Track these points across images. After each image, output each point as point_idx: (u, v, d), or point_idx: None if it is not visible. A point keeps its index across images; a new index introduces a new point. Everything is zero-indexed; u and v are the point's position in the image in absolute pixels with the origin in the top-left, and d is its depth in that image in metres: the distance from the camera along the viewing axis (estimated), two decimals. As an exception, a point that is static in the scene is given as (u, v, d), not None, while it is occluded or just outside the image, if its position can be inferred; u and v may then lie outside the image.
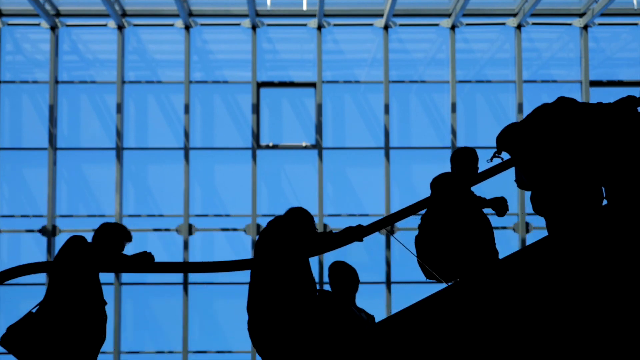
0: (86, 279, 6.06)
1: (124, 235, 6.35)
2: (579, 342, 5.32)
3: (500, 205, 6.81)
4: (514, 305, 5.36)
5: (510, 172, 6.76)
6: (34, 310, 6.24)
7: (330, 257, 13.06)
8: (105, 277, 13.01)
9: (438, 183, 6.79)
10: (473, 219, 6.68)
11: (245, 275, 6.69)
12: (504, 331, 5.34)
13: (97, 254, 6.06)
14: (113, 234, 6.32)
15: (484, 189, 6.97)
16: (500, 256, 6.74)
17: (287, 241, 6.23)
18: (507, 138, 6.25)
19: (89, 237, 6.39)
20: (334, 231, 6.75)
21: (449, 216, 6.61)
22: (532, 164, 6.12)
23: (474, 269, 6.45)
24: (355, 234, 6.24)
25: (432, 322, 5.38)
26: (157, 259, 6.42)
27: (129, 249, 6.89)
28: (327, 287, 13.55)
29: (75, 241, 6.11)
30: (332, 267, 6.61)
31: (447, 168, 7.15)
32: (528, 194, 7.33)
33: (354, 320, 6.36)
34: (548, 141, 6.00)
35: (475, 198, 6.78)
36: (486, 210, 6.90)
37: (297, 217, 6.44)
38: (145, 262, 6.13)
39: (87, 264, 5.99)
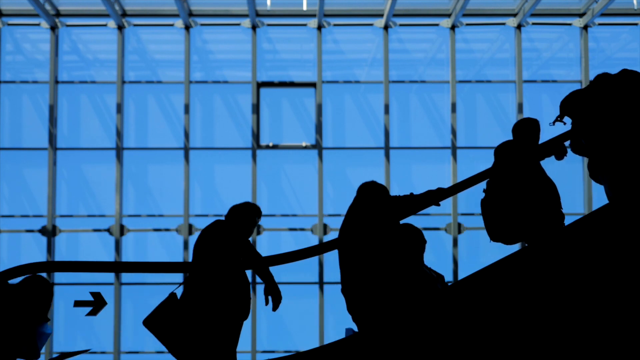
0: (231, 262, 6.13)
1: (255, 212, 6.58)
2: None
3: (559, 150, 6.91)
4: (581, 269, 5.39)
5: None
6: (176, 292, 6.29)
7: (330, 258, 13.08)
8: (105, 277, 13.02)
9: (502, 151, 6.89)
10: (538, 183, 6.76)
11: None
12: (571, 295, 5.38)
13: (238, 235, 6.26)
14: (245, 213, 6.59)
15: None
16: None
17: (371, 209, 6.30)
18: (571, 103, 6.49)
19: (89, 236, 6.39)
20: (333, 232, 6.79)
21: (515, 181, 6.72)
22: (593, 130, 6.26)
23: (541, 232, 6.58)
24: (435, 196, 6.41)
25: (503, 284, 5.42)
26: (157, 259, 6.45)
27: (129, 248, 6.90)
28: (327, 287, 13.57)
29: (220, 224, 6.40)
30: (401, 229, 6.56)
31: (447, 168, 7.16)
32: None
33: (428, 279, 6.39)
34: (612, 107, 6.16)
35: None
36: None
37: (371, 191, 6.46)
38: None
39: (232, 248, 6.15)
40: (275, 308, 6.28)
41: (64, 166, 13.63)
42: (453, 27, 13.70)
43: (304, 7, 13.59)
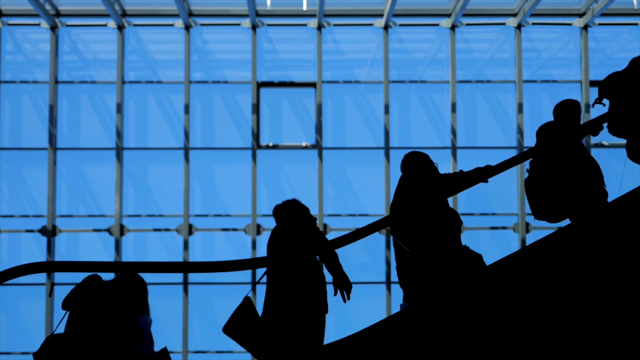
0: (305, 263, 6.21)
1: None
2: None
3: (594, 127, 7.00)
4: (626, 245, 5.45)
5: (512, 176, 6.81)
6: (249, 295, 6.33)
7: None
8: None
9: (544, 132, 7.01)
10: (581, 161, 6.87)
11: (245, 275, 6.70)
12: (618, 272, 5.43)
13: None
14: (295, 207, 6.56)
15: (486, 191, 6.99)
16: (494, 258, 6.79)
17: (422, 186, 6.45)
18: (609, 85, 6.60)
19: (89, 236, 6.40)
20: (333, 232, 6.83)
21: (558, 160, 6.83)
22: (632, 111, 6.39)
23: (585, 209, 6.68)
24: (483, 173, 6.53)
25: (547, 260, 5.49)
26: (157, 259, 6.46)
27: (129, 248, 6.91)
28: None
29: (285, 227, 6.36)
30: (437, 210, 6.62)
31: (448, 168, 7.18)
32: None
33: (467, 259, 6.44)
34: None
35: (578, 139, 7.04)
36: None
37: (419, 164, 6.60)
38: None
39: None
40: (347, 299, 6.32)
41: (64, 166, 13.63)
42: (453, 27, 13.70)
43: (304, 7, 13.59)
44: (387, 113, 13.66)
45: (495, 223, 13.47)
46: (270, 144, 13.70)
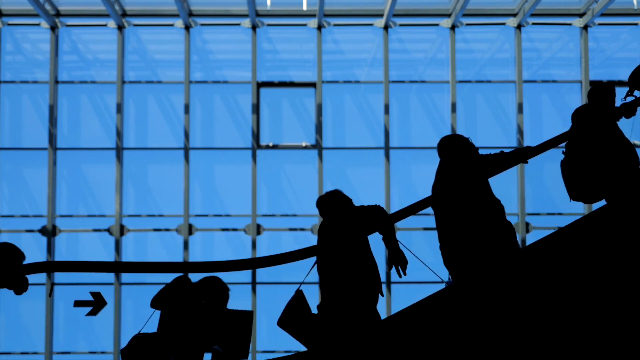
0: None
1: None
2: None
3: (629, 110, 7.14)
4: None
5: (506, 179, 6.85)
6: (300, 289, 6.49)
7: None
8: (105, 277, 13.02)
9: (579, 115, 7.13)
10: (616, 143, 6.98)
11: (244, 275, 6.71)
12: None
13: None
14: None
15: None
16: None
17: (464, 166, 6.54)
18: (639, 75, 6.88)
19: (89, 236, 6.42)
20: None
21: (593, 142, 6.95)
22: None
23: (621, 189, 6.82)
24: (523, 154, 6.71)
25: (584, 240, 5.59)
26: (157, 259, 6.48)
27: (129, 248, 6.91)
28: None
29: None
30: (480, 189, 6.74)
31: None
32: (527, 195, 7.49)
33: (512, 238, 6.58)
34: None
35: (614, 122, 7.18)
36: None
37: (454, 143, 6.72)
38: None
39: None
40: (403, 274, 6.36)
41: (64, 166, 13.63)
42: (453, 27, 13.70)
43: (304, 7, 13.59)
44: (387, 113, 13.66)
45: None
46: (270, 144, 13.70)
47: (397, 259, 6.37)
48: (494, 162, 6.62)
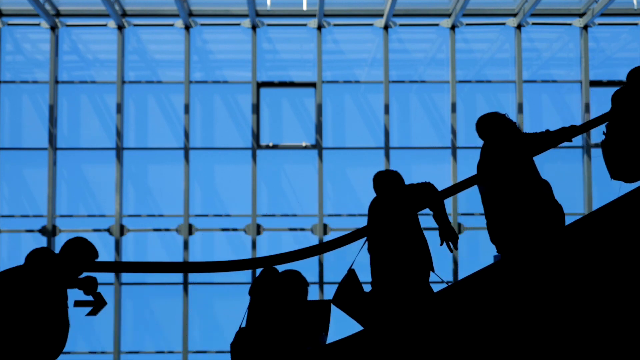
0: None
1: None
2: None
3: None
4: None
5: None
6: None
7: (330, 258, 13.06)
8: (106, 277, 13.02)
9: (619, 96, 7.17)
10: None
11: (244, 275, 6.72)
12: None
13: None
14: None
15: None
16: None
17: (509, 145, 6.60)
18: None
19: (89, 236, 6.39)
20: (333, 232, 6.87)
21: (633, 123, 6.99)
22: None
23: None
24: (568, 133, 6.80)
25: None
26: (157, 259, 6.46)
27: (129, 248, 6.91)
28: (327, 287, 13.57)
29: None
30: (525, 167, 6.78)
31: (447, 168, 7.22)
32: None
33: (559, 212, 6.63)
34: None
35: None
36: None
37: (494, 122, 6.83)
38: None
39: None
40: (454, 248, 6.46)
41: (64, 166, 13.63)
42: (453, 27, 13.70)
43: (304, 7, 13.59)
44: (387, 113, 13.66)
45: (495, 223, 13.45)
46: (270, 144, 13.70)
47: (447, 234, 6.48)
48: (539, 141, 6.71)
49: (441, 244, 6.56)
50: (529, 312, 5.49)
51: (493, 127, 6.85)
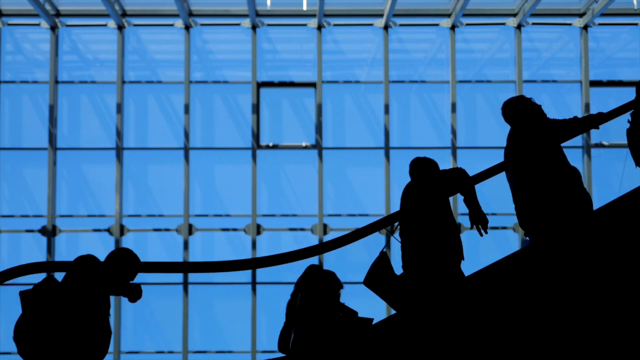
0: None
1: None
2: None
3: None
4: None
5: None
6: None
7: (331, 258, 13.07)
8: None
9: None
10: None
11: (244, 275, 6.72)
12: None
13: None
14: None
15: (485, 191, 7.04)
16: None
17: (537, 131, 6.69)
18: None
19: (89, 236, 6.42)
20: (333, 232, 6.90)
21: None
22: None
23: None
24: (595, 120, 6.84)
25: None
26: (157, 259, 6.49)
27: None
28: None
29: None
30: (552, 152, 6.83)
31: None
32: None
33: (585, 198, 6.74)
34: None
35: None
36: None
37: (519, 105, 6.98)
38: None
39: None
40: (485, 232, 6.62)
41: (64, 166, 13.63)
42: (453, 27, 13.70)
43: (304, 7, 13.59)
44: (387, 113, 13.66)
45: (495, 223, 13.46)
46: (270, 144, 13.70)
47: (478, 218, 6.58)
48: (568, 127, 6.72)
49: (471, 228, 6.63)
50: (555, 295, 5.59)
51: (520, 111, 6.88)
